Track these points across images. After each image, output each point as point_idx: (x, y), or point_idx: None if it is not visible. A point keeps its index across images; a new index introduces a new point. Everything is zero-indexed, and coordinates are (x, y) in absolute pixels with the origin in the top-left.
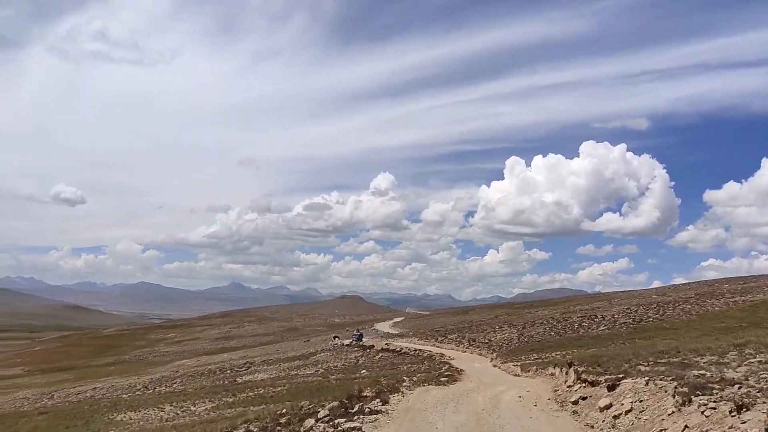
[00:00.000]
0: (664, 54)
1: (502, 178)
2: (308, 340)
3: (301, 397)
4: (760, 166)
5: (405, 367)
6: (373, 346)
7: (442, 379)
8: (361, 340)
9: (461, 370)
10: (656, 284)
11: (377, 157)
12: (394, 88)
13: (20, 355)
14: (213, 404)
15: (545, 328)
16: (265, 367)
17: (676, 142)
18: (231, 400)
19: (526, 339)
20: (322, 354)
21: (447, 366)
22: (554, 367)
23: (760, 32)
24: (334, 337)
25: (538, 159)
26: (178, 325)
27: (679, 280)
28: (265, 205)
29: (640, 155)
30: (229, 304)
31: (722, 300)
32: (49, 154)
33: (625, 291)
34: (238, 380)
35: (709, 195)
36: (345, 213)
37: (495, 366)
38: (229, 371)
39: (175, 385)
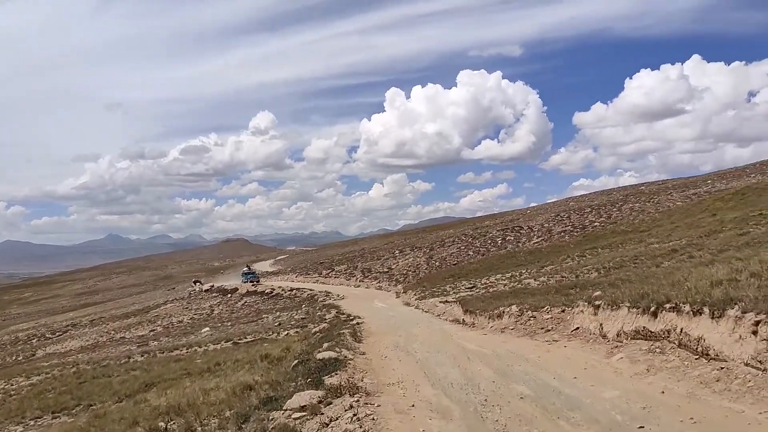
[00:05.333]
0: None
1: (383, 111)
2: (173, 288)
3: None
4: (623, 87)
5: (270, 318)
6: (237, 289)
7: (327, 370)
8: (258, 281)
9: (359, 323)
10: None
11: (255, 95)
12: (268, 22)
13: None
14: None
15: (459, 247)
16: (87, 330)
17: (547, 67)
18: None
19: (437, 263)
20: (170, 305)
21: (334, 313)
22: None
23: None
24: (195, 282)
25: (417, 90)
26: (38, 283)
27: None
28: (138, 151)
29: (514, 82)
30: (107, 257)
31: (674, 194)
32: None
33: (518, 209)
34: (39, 353)
35: (579, 117)
36: (225, 155)
37: (410, 305)
38: (37, 339)
39: None
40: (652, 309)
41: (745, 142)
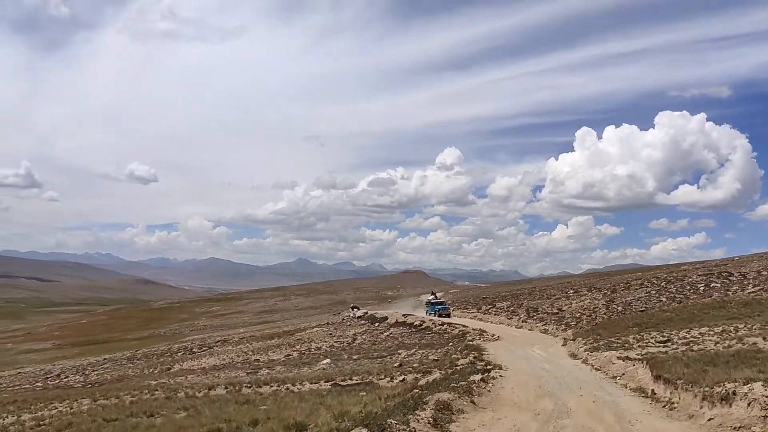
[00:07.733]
0: (749, 16)
1: (572, 151)
2: (338, 312)
3: None
4: None
5: (403, 354)
6: (387, 318)
7: None
8: (447, 315)
9: (493, 377)
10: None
11: (443, 131)
12: (459, 61)
13: (62, 328)
14: None
15: (648, 292)
16: (230, 347)
17: (760, 110)
18: None
19: (619, 307)
20: (316, 329)
21: (471, 358)
22: None
23: None
24: (352, 308)
25: (609, 130)
26: (227, 298)
27: None
28: (331, 181)
29: (720, 125)
30: (295, 279)
31: None
32: (123, 133)
33: (720, 259)
34: (176, 367)
35: None
36: (410, 188)
37: (576, 357)
38: (182, 353)
39: (94, 374)
40: None
41: None
